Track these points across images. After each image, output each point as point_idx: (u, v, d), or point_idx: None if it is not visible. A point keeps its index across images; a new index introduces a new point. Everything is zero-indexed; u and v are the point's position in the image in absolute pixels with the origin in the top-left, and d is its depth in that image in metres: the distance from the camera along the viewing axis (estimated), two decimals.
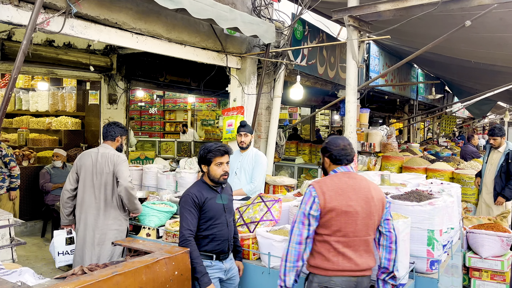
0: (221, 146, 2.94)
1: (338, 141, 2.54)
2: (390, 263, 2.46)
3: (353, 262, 2.35)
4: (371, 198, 2.42)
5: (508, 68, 8.28)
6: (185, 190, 2.93)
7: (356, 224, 2.36)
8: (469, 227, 4.47)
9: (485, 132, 22.23)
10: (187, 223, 2.76)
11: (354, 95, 4.93)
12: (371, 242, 2.45)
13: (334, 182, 2.44)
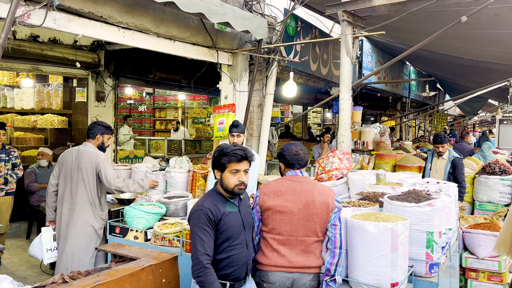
0: (239, 149, 2.41)
1: (291, 147, 2.70)
2: (332, 267, 2.52)
3: (286, 259, 2.51)
4: (312, 202, 2.54)
5: (501, 65, 8.24)
6: (196, 203, 2.39)
7: (292, 224, 2.53)
8: (466, 227, 4.39)
9: (475, 130, 22.35)
10: (202, 246, 2.25)
11: (348, 92, 4.81)
12: (312, 244, 2.55)
13: (277, 184, 2.63)
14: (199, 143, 9.24)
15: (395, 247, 2.55)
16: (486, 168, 6.06)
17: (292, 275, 2.50)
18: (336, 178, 4.58)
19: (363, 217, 2.72)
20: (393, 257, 2.54)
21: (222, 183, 2.42)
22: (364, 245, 2.59)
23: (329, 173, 4.64)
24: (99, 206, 3.83)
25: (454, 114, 18.59)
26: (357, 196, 3.73)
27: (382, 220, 2.62)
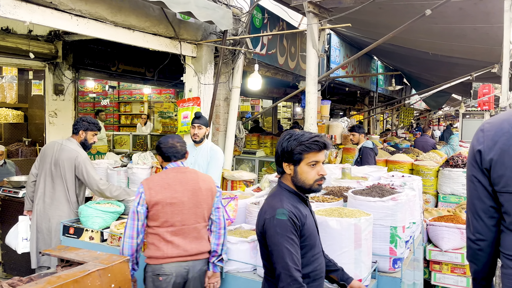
0: (317, 136, 1.98)
1: (168, 140, 2.75)
2: (219, 247, 2.68)
3: (181, 249, 2.56)
4: (198, 189, 2.66)
5: (465, 60, 8.41)
6: (270, 205, 1.95)
7: (183, 213, 2.59)
8: (430, 220, 4.42)
9: (440, 124, 23.00)
10: (293, 260, 1.81)
11: (315, 86, 4.74)
12: (202, 229, 2.66)
13: (162, 177, 2.66)
14: None
15: (359, 243, 2.48)
16: (450, 161, 6.16)
17: (187, 264, 2.59)
18: None
19: (326, 212, 2.64)
20: (357, 253, 2.48)
21: (297, 179, 1.98)
22: (328, 241, 2.50)
23: None
24: (76, 204, 3.76)
25: (420, 108, 19.03)
26: (324, 190, 3.66)
27: (345, 216, 2.55)
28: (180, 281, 2.57)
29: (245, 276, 2.77)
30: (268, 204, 1.96)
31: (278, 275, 1.82)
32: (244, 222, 3.30)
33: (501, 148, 1.59)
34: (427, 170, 6.21)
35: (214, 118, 5.63)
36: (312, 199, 3.14)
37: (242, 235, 2.95)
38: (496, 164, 1.60)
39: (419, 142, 9.11)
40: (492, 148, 1.61)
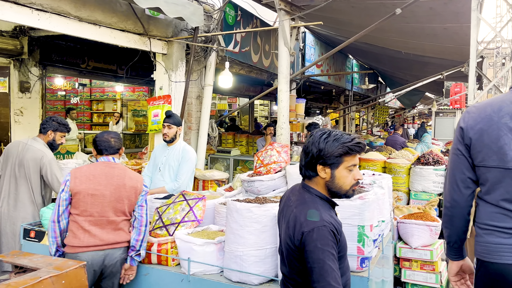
0: (357, 137, 1.81)
1: (103, 134, 2.89)
2: (138, 243, 2.79)
3: (98, 238, 2.68)
4: (122, 185, 2.77)
5: (436, 59, 8.56)
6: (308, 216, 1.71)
7: (103, 206, 2.71)
8: (400, 217, 4.45)
9: (415, 122, 23.44)
10: (335, 279, 1.63)
11: (287, 84, 4.70)
12: (121, 222, 2.78)
13: (90, 169, 2.80)
14: (139, 137, 8.82)
15: None
16: (421, 159, 6.24)
17: (104, 252, 2.70)
18: (274, 171, 4.47)
19: None
20: None
21: (333, 184, 1.79)
22: None
23: (267, 167, 4.52)
24: (41, 205, 3.65)
25: (394, 106, 19.33)
26: None
27: None
28: (97, 269, 2.68)
29: (211, 278, 2.71)
30: (304, 215, 1.71)
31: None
32: (212, 223, 3.24)
33: (481, 128, 1.78)
34: (399, 168, 6.28)
35: (186, 117, 5.53)
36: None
37: (209, 236, 2.88)
38: (476, 142, 1.80)
39: (389, 140, 9.24)
40: (474, 127, 1.81)
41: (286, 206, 1.87)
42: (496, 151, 1.73)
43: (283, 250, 1.83)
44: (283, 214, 1.87)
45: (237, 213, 2.62)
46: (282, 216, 1.88)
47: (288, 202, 1.87)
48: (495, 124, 1.75)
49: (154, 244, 2.91)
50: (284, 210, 1.89)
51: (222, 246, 2.77)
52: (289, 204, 1.86)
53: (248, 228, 2.60)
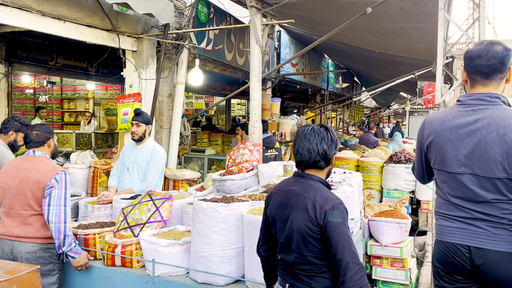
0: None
1: (29, 128, 2.95)
2: (57, 241, 2.76)
3: (6, 229, 2.78)
4: (25, 179, 2.77)
5: (409, 59, 8.69)
6: (326, 197, 1.91)
7: (10, 198, 2.79)
8: (371, 215, 4.48)
9: (390, 121, 23.82)
10: (355, 248, 1.86)
11: (259, 82, 4.67)
12: (29, 217, 2.78)
13: (13, 162, 2.93)
14: (112, 136, 8.62)
15: None
16: (393, 157, 6.32)
17: (12, 242, 2.76)
18: (246, 170, 4.42)
19: (260, 211, 2.57)
20: None
21: (332, 169, 2.12)
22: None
23: (239, 166, 4.47)
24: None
25: (370, 106, 19.59)
26: (263, 188, 3.59)
27: None
28: (7, 258, 2.74)
29: (177, 280, 2.64)
30: (320, 197, 1.91)
31: (346, 264, 1.79)
32: (180, 223, 3.17)
33: (431, 140, 2.13)
34: (372, 166, 6.34)
35: (157, 115, 5.43)
36: (249, 197, 3.06)
37: (176, 237, 2.81)
38: (428, 150, 2.17)
39: (363, 139, 9.36)
40: (427, 138, 2.16)
41: (291, 196, 1.99)
42: (440, 158, 2.09)
43: (293, 238, 1.94)
44: (289, 205, 1.98)
45: (203, 212, 2.56)
46: (289, 206, 1.98)
47: (290, 193, 2.00)
48: (438, 136, 2.09)
49: (118, 246, 2.82)
50: (289, 200, 2.00)
51: (188, 247, 2.71)
52: (295, 193, 1.98)
53: (214, 228, 2.54)
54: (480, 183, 1.97)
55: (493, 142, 1.94)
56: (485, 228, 1.97)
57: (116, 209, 3.38)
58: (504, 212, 1.95)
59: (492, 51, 1.99)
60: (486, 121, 1.97)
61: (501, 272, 1.93)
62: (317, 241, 1.89)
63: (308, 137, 2.02)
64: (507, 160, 1.92)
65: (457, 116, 2.06)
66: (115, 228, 3.00)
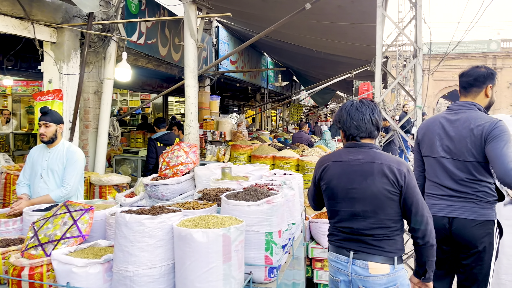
0: None
1: None
2: None
3: None
4: None
5: (346, 58, 8.81)
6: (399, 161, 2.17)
7: None
8: (312, 217, 4.37)
9: (328, 120, 24.46)
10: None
11: (194, 79, 4.37)
12: None
13: None
14: (34, 136, 7.82)
15: (228, 256, 2.17)
16: None
17: None
18: (181, 173, 4.11)
19: (193, 223, 2.29)
20: (226, 268, 2.17)
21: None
22: (193, 257, 2.15)
23: (174, 169, 4.14)
24: None
25: (309, 105, 19.92)
26: (198, 194, 3.31)
27: (213, 226, 2.22)
28: None
29: None
30: (392, 159, 2.16)
31: (426, 219, 2.10)
32: (102, 238, 2.79)
33: (424, 133, 2.85)
34: (312, 165, 6.27)
35: (82, 114, 4.93)
36: (182, 206, 2.77)
37: (96, 254, 2.45)
38: (421, 141, 2.87)
39: (295, 137, 9.38)
40: (420, 133, 2.88)
41: (359, 164, 2.18)
42: (430, 146, 2.79)
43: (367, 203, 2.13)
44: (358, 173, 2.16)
45: (126, 227, 2.23)
46: (358, 175, 2.16)
47: (356, 162, 2.19)
48: (430, 130, 2.81)
49: (25, 268, 2.39)
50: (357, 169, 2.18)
51: (110, 266, 2.35)
52: (363, 161, 2.18)
53: (140, 244, 2.22)
54: (456, 165, 2.65)
55: (465, 135, 2.63)
56: (458, 203, 2.63)
57: (27, 223, 2.93)
58: (473, 190, 2.61)
59: (472, 71, 2.77)
60: (462, 120, 2.68)
61: (467, 234, 2.59)
62: (396, 203, 2.11)
63: (360, 109, 2.22)
64: (474, 148, 2.59)
65: (443, 116, 2.83)
66: (23, 246, 2.57)
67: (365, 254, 2.12)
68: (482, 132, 2.56)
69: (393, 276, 2.09)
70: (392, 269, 2.10)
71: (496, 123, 2.57)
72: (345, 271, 2.18)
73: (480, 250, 2.58)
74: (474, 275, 2.64)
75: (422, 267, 2.19)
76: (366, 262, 2.12)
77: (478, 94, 2.75)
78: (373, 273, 2.09)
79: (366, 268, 2.11)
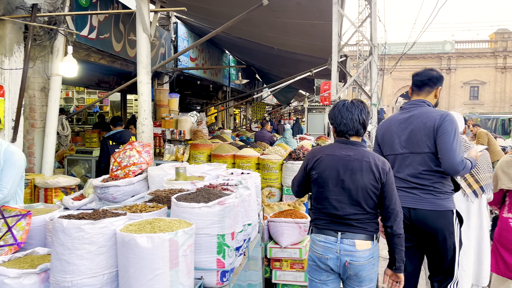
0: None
1: None
2: None
3: None
4: None
5: (306, 57, 8.83)
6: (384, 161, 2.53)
7: None
8: (270, 216, 4.31)
9: (291, 118, 24.63)
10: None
11: (147, 75, 4.19)
12: None
13: None
14: None
15: (175, 261, 2.05)
16: (292, 154, 6.27)
17: None
18: (133, 174, 3.93)
19: (138, 227, 2.15)
20: (173, 274, 2.04)
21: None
22: (137, 264, 2.02)
23: (126, 169, 3.96)
24: None
25: (272, 103, 19.96)
26: (149, 196, 3.15)
27: (159, 230, 2.09)
28: None
29: None
30: (378, 160, 2.48)
31: (397, 212, 2.45)
32: (42, 245, 2.59)
33: (383, 133, 3.01)
34: (272, 164, 6.22)
35: (27, 112, 4.63)
36: (129, 209, 2.61)
37: (33, 263, 2.25)
38: (381, 141, 3.03)
39: (258, 136, 9.35)
40: (379, 133, 3.03)
41: (350, 160, 2.50)
42: (390, 145, 2.96)
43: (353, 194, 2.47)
44: (349, 168, 2.49)
45: (64, 233, 2.06)
46: (348, 169, 2.49)
47: (347, 158, 2.50)
48: (388, 130, 2.99)
49: None
50: (347, 164, 2.50)
51: (47, 276, 2.17)
52: (353, 158, 2.50)
53: (79, 252, 2.05)
54: (415, 158, 2.84)
55: (420, 128, 2.83)
56: (418, 194, 2.81)
57: None
58: (430, 182, 2.80)
59: (426, 72, 3.00)
60: (415, 116, 2.88)
61: (427, 224, 2.78)
62: (376, 195, 2.47)
63: (349, 109, 2.51)
64: (428, 140, 2.80)
65: (398, 116, 3.01)
66: None
67: (352, 233, 2.48)
68: (434, 124, 2.78)
69: (373, 250, 2.51)
70: (372, 244, 2.51)
71: (446, 116, 2.80)
72: (334, 249, 2.50)
73: (440, 240, 2.77)
74: (440, 264, 2.85)
75: (392, 255, 2.52)
76: (353, 240, 2.48)
77: (430, 93, 2.99)
78: (359, 249, 2.47)
79: (353, 245, 2.47)
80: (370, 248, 2.49)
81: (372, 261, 2.51)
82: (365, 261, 2.47)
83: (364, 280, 2.51)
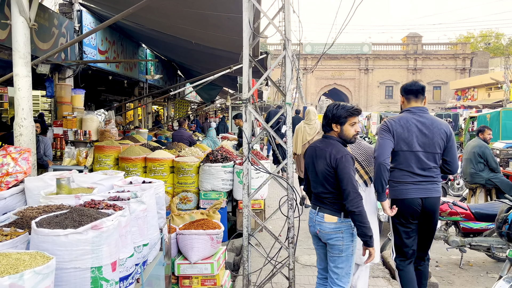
0: (355, 106, 3.15)
1: None
2: None
3: None
4: None
5: (226, 53, 8.41)
6: (338, 150, 3.03)
7: None
8: (180, 227, 3.84)
9: (218, 116, 24.17)
10: (356, 182, 2.98)
11: (26, 66, 3.50)
12: None
13: None
14: None
15: None
16: (210, 156, 5.86)
17: None
18: (7, 186, 3.24)
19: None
20: None
21: (342, 134, 3.10)
22: None
23: None
24: None
25: (196, 101, 19.34)
26: (14, 216, 2.52)
27: None
28: None
29: None
30: (334, 150, 3.03)
31: (348, 192, 2.93)
32: None
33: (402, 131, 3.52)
34: (188, 167, 5.74)
35: None
36: None
37: None
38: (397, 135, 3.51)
39: (175, 135, 8.84)
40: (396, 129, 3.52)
41: (317, 150, 3.14)
42: (408, 142, 3.49)
43: (319, 176, 3.11)
44: (316, 155, 3.14)
45: None
46: (316, 157, 3.14)
47: (317, 148, 3.14)
48: (407, 129, 3.51)
49: None
50: (317, 154, 3.14)
51: None
52: (320, 148, 3.12)
53: None
54: (427, 156, 3.47)
55: (437, 133, 3.47)
56: (427, 186, 3.48)
57: None
58: (435, 174, 3.51)
59: (418, 83, 3.64)
60: (430, 122, 3.51)
61: (435, 207, 3.53)
62: (333, 177, 3.00)
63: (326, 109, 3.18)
64: (442, 143, 3.48)
65: (412, 117, 3.54)
66: None
67: (323, 208, 3.11)
68: (447, 132, 3.51)
69: (339, 224, 3.04)
70: (339, 220, 3.04)
71: (449, 126, 3.59)
72: (313, 219, 3.16)
73: (435, 219, 3.62)
74: (431, 234, 3.65)
75: (357, 230, 2.98)
76: (323, 214, 3.09)
77: (423, 100, 3.64)
78: (326, 221, 3.07)
79: (322, 218, 3.09)
80: (336, 222, 3.04)
81: (340, 234, 3.04)
82: (330, 231, 3.04)
83: (333, 248, 3.08)
